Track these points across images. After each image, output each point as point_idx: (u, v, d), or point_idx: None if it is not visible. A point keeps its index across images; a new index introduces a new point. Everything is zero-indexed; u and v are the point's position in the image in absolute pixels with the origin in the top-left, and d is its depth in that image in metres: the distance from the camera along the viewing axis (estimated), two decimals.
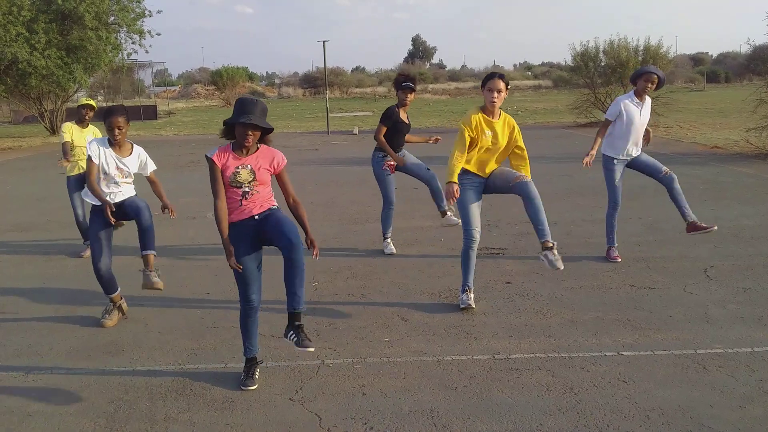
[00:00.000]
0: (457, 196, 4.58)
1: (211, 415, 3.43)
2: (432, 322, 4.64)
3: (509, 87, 4.69)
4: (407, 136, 6.44)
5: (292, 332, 3.50)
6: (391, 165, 6.32)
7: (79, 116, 6.58)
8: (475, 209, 4.77)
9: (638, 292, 5.12)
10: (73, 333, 4.61)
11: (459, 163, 4.64)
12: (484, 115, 4.70)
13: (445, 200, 6.35)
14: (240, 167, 3.58)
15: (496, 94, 4.57)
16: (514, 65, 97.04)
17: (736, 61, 62.16)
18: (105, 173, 4.67)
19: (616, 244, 6.07)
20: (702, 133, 17.82)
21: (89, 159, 4.66)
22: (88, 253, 6.72)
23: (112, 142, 4.67)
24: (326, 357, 4.09)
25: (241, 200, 3.62)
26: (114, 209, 4.55)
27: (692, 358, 3.93)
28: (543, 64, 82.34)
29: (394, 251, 6.45)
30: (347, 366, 3.95)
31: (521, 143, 4.82)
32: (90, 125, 6.72)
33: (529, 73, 77.48)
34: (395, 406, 3.47)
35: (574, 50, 22.53)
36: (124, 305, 4.90)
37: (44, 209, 9.42)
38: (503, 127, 4.73)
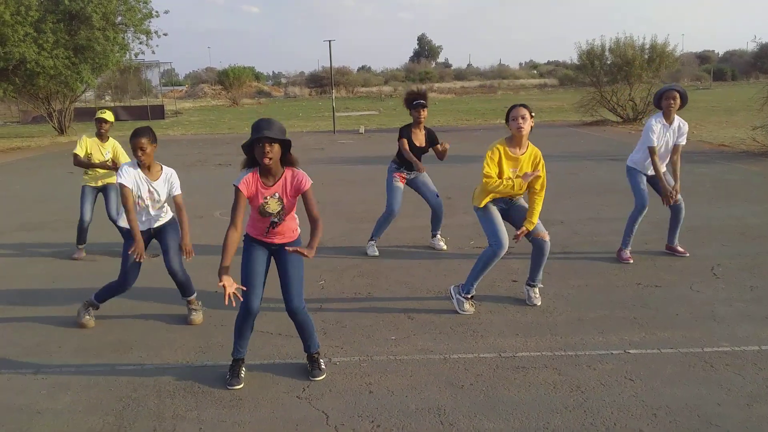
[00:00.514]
0: (537, 173, 4.60)
1: (218, 412, 3.45)
2: (438, 320, 4.64)
3: (534, 115, 4.61)
4: (434, 151, 6.34)
5: (308, 363, 3.90)
6: (402, 176, 6.33)
7: (97, 129, 6.50)
8: (500, 218, 4.76)
9: (645, 291, 5.11)
10: (81, 331, 4.63)
11: (496, 181, 4.63)
12: (508, 149, 4.64)
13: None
14: (269, 197, 3.57)
15: (521, 121, 4.51)
16: (520, 64, 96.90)
17: (743, 59, 61.96)
18: (139, 197, 4.57)
19: (630, 247, 5.98)
20: (708, 131, 17.76)
21: (121, 185, 4.48)
22: (81, 255, 6.70)
23: (141, 164, 4.57)
24: (333, 355, 4.10)
25: (268, 229, 3.68)
26: (142, 259, 4.51)
27: (699, 356, 3.92)
28: (549, 63, 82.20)
29: (377, 254, 6.42)
30: (354, 364, 3.97)
31: (543, 179, 4.69)
32: (111, 139, 6.64)
33: (535, 71, 77.35)
34: (402, 404, 3.48)
35: (580, 49, 22.60)
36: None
37: (52, 209, 9.47)
38: (528, 161, 4.65)
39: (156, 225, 4.77)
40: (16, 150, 19.23)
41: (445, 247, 6.54)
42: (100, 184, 6.69)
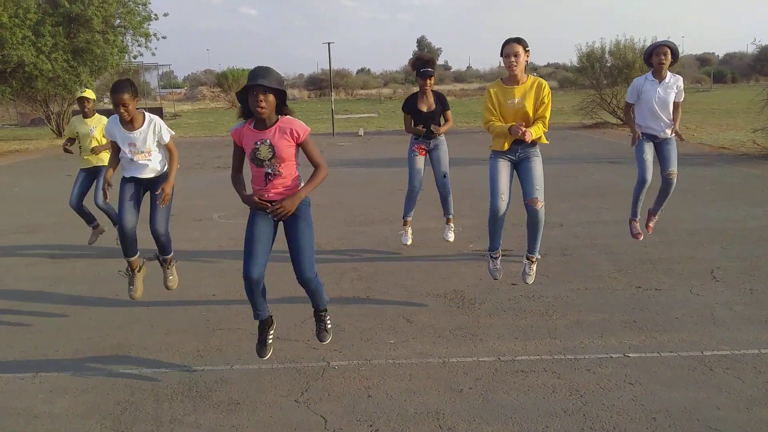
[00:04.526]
0: (522, 131, 4.46)
1: (216, 416, 3.44)
2: (437, 323, 4.63)
3: (528, 49, 4.56)
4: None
5: (315, 322, 3.96)
6: (421, 148, 6.27)
7: (80, 109, 6.71)
8: (503, 177, 4.70)
9: (644, 294, 5.10)
10: (79, 334, 4.62)
11: (496, 121, 4.65)
12: (503, 84, 4.65)
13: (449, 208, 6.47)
14: (259, 143, 3.48)
15: (513, 59, 4.50)
16: None
17: (743, 62, 62.04)
18: (121, 148, 4.68)
19: (639, 217, 5.99)
20: (708, 133, 17.76)
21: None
22: (95, 234, 6.85)
23: (122, 120, 4.56)
24: (332, 359, 4.09)
25: (265, 181, 3.56)
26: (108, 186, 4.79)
27: (699, 359, 3.91)
28: (549, 65, 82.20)
29: (408, 243, 6.41)
30: (352, 368, 3.95)
31: (545, 112, 4.57)
32: (96, 115, 6.74)
33: (535, 73, 77.30)
34: (400, 408, 3.46)
35: (580, 51, 22.60)
36: (144, 270, 4.89)
37: (51, 211, 9.45)
38: (531, 90, 4.56)
39: (144, 176, 4.73)
40: (15, 153, 19.22)
41: (451, 240, 6.46)
42: (93, 164, 6.68)
